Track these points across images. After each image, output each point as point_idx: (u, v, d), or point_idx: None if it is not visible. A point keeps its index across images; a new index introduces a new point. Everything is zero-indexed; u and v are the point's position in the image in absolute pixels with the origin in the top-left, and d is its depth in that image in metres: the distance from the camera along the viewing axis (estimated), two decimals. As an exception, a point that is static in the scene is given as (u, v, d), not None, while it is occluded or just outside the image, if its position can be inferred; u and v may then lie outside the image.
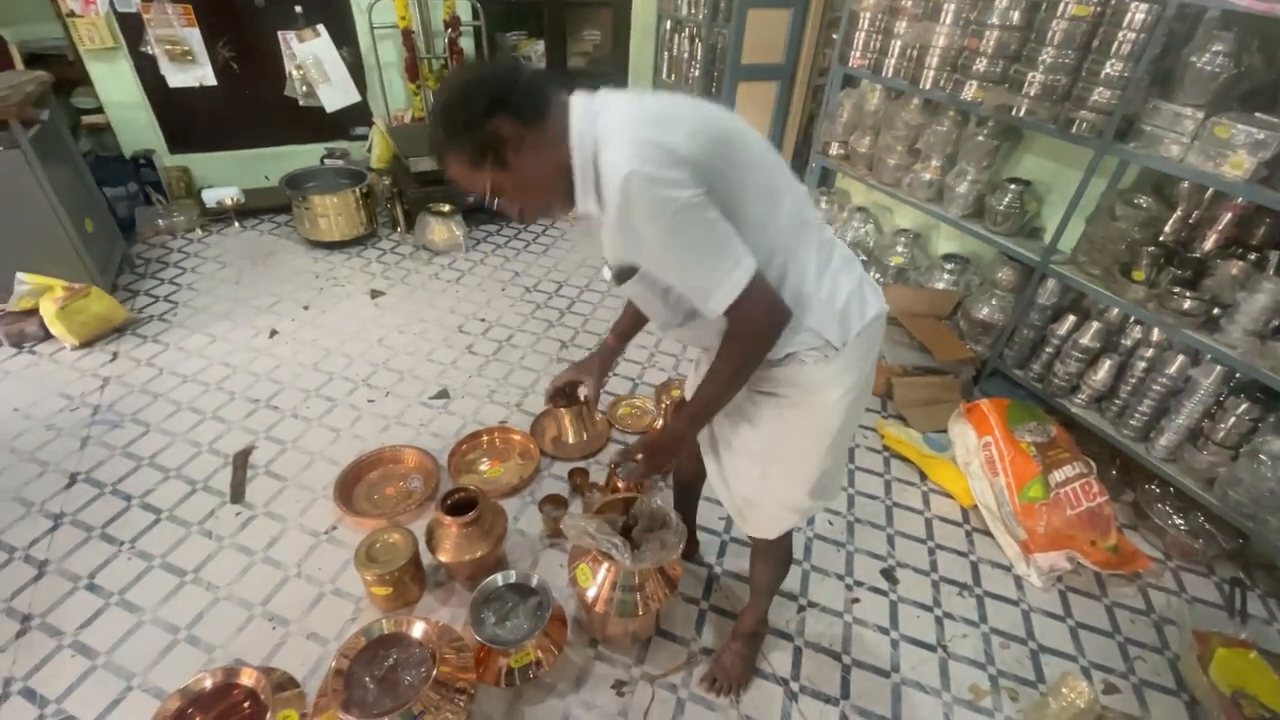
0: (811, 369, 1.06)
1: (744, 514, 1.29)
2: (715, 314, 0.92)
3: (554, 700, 1.48)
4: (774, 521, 1.28)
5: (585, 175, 0.90)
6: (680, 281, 0.94)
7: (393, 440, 2.11)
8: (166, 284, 2.84)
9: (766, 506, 1.25)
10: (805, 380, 1.07)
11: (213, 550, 1.75)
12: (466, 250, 3.21)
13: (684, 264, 0.90)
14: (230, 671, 1.25)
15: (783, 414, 1.12)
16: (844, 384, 1.08)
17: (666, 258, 0.91)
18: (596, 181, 0.89)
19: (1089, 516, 1.90)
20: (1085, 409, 2.21)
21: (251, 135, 3.49)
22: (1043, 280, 2.25)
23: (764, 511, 1.26)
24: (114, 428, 2.11)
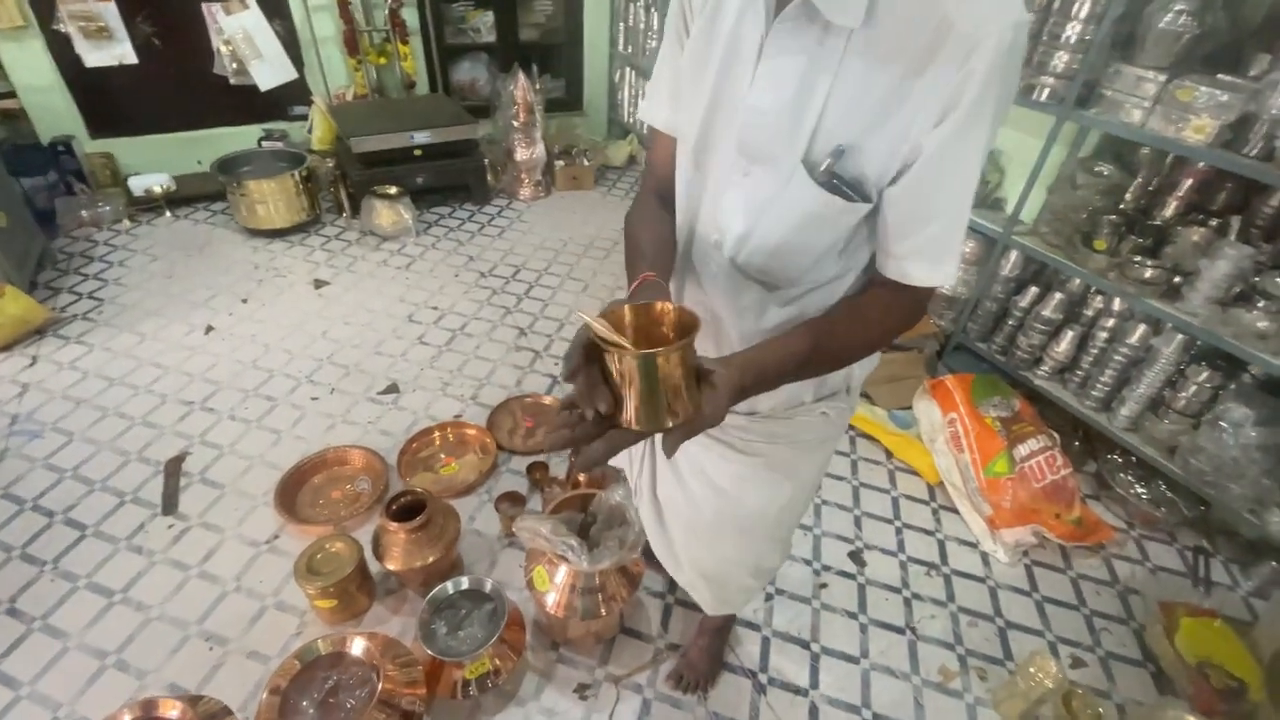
0: (825, 425, 0.90)
1: (703, 592, 1.18)
2: (936, 281, 0.69)
3: (514, 708, 1.41)
4: (742, 593, 1.17)
5: None
6: (953, 221, 0.67)
7: (339, 440, 2.00)
8: (91, 280, 2.65)
9: (735, 578, 1.11)
10: (810, 436, 0.92)
11: (143, 567, 1.63)
12: (416, 235, 3.07)
13: (966, 191, 0.65)
14: (149, 705, 1.15)
15: (773, 479, 0.95)
16: (842, 430, 0.96)
17: (965, 170, 0.64)
18: None
19: (1053, 489, 1.89)
20: (1048, 381, 2.20)
21: (180, 117, 3.26)
22: (1005, 252, 2.22)
23: (730, 585, 1.13)
24: (34, 438, 1.95)
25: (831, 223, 0.70)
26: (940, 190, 0.65)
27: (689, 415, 0.57)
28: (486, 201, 3.43)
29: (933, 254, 0.68)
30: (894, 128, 0.63)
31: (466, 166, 3.26)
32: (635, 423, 0.56)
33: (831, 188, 0.66)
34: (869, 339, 0.75)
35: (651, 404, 0.55)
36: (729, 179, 0.74)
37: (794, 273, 0.76)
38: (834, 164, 0.65)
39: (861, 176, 0.66)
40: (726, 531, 1.02)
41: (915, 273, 0.69)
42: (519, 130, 3.31)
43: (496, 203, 3.47)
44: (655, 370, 0.54)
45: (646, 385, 0.55)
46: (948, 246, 0.68)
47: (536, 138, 3.37)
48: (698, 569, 1.13)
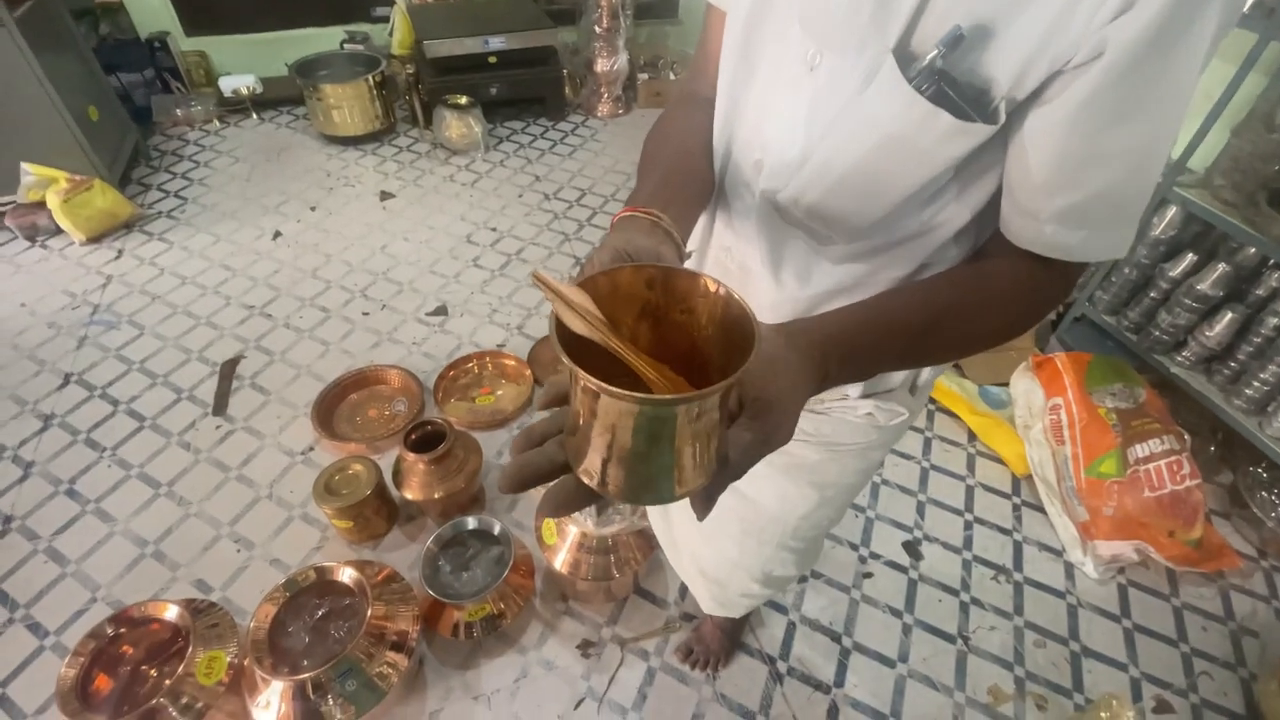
0: (871, 429, 0.70)
1: (700, 589, 1.02)
2: (1100, 255, 0.47)
3: (513, 655, 1.37)
4: (745, 598, 0.98)
5: None
6: (1138, 167, 0.44)
7: (383, 358, 1.98)
8: (179, 178, 2.74)
9: (736, 582, 0.95)
10: (850, 440, 0.71)
11: (189, 464, 1.69)
12: (486, 150, 2.94)
13: (1169, 123, 0.42)
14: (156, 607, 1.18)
15: (795, 483, 0.76)
16: (894, 442, 0.75)
17: (1172, 87, 0.41)
18: None
19: (1171, 502, 1.57)
20: (1189, 370, 1.81)
21: (269, 16, 3.23)
22: (1161, 206, 1.80)
23: (731, 588, 0.96)
24: (110, 328, 2.06)
25: (928, 150, 0.46)
26: (1130, 114, 0.41)
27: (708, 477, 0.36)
28: (561, 117, 3.23)
29: (1098, 216, 0.45)
30: (1048, 5, 0.39)
31: (543, 77, 3.06)
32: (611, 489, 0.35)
33: (938, 95, 0.43)
34: (1004, 322, 0.52)
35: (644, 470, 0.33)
36: (787, 73, 0.52)
37: (857, 221, 0.53)
38: (944, 57, 0.42)
39: (987, 81, 0.43)
40: (733, 530, 0.85)
41: (1066, 240, 0.46)
42: (601, 38, 3.04)
43: (572, 119, 3.26)
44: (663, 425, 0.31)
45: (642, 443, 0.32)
46: (1125, 207, 0.45)
47: (619, 47, 3.09)
48: (696, 564, 0.98)
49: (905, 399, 0.68)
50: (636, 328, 0.37)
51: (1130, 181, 0.44)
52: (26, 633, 1.38)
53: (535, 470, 0.38)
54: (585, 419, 0.33)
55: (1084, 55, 0.40)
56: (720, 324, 0.36)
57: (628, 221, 0.47)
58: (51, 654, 1.35)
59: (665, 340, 0.37)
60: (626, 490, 0.34)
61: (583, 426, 0.33)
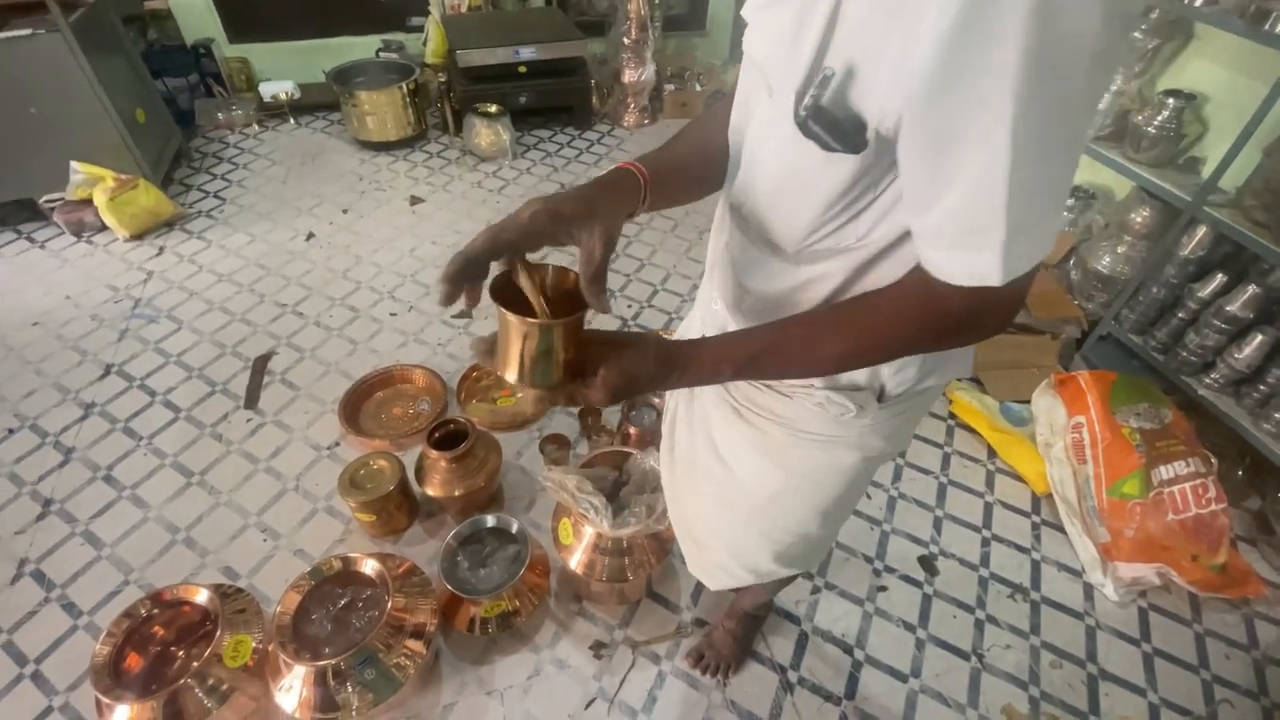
0: (831, 420, 0.72)
1: (685, 544, 1.04)
2: (965, 279, 0.48)
3: (527, 652, 1.39)
4: (719, 570, 0.99)
5: None
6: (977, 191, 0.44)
7: (409, 358, 2.02)
8: (219, 180, 2.83)
9: (713, 550, 0.97)
10: (814, 429, 0.74)
11: (220, 454, 1.75)
12: (513, 157, 3.00)
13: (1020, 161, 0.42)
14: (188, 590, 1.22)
15: (764, 460, 0.79)
16: (868, 449, 0.76)
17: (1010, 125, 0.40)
18: None
19: (1195, 525, 1.55)
20: (1217, 392, 1.79)
21: (309, 25, 3.34)
22: (1191, 226, 1.78)
23: (708, 554, 0.98)
24: (150, 322, 2.14)
25: (812, 176, 0.53)
26: (951, 145, 0.43)
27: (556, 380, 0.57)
28: (588, 126, 3.28)
29: (954, 236, 0.46)
30: (901, 36, 0.42)
31: (571, 87, 3.11)
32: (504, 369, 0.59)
33: (806, 129, 0.49)
34: (861, 347, 0.56)
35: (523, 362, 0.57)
36: (754, 100, 0.60)
37: (790, 234, 0.60)
38: (817, 96, 0.48)
39: (861, 117, 0.47)
40: (710, 494, 0.90)
41: (932, 258, 0.49)
42: (629, 49, 3.09)
43: (599, 128, 3.31)
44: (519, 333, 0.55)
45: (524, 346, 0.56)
46: (979, 227, 0.45)
47: (647, 58, 3.13)
48: (685, 520, 1.01)
49: (859, 397, 0.70)
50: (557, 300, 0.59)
51: (974, 202, 0.44)
52: (61, 612, 1.43)
53: None
54: (501, 334, 0.57)
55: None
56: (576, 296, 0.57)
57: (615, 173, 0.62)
58: (84, 633, 1.40)
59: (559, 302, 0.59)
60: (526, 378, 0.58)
61: (500, 339, 0.58)
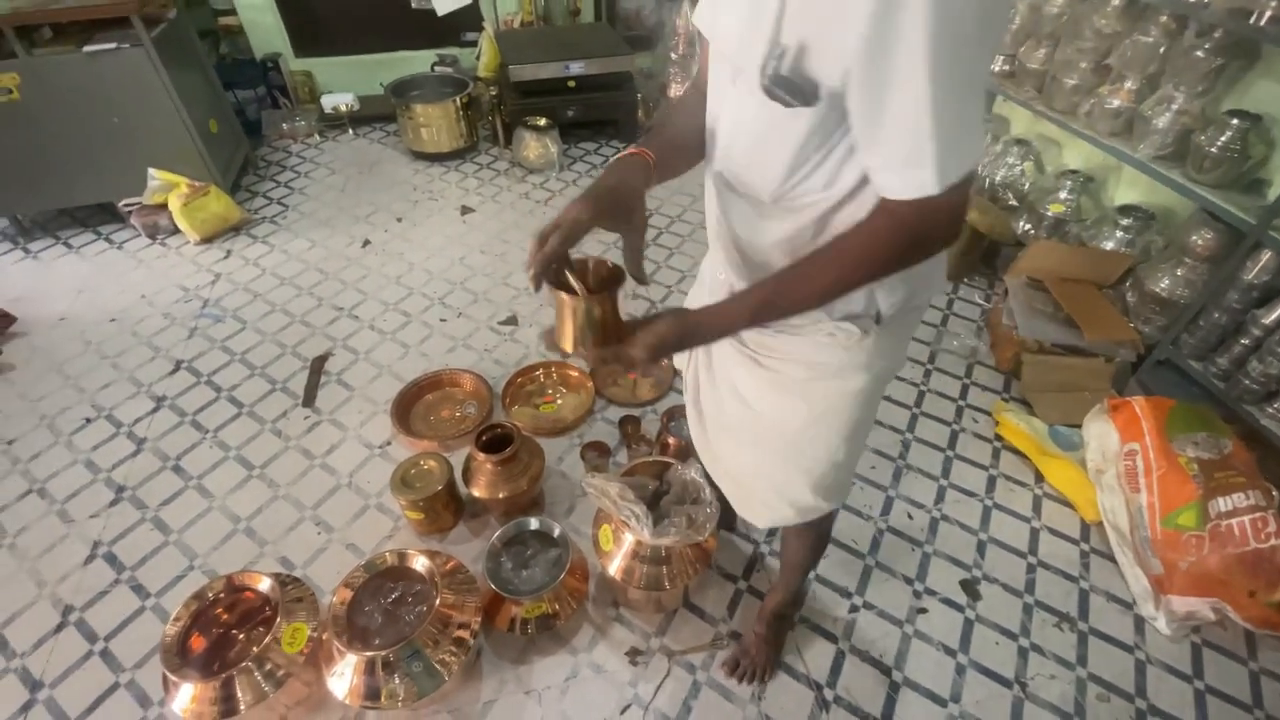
0: (839, 349, 0.84)
1: (731, 490, 1.12)
2: (910, 192, 0.60)
3: (565, 654, 1.42)
4: (765, 508, 1.06)
5: None
6: (909, 123, 0.57)
7: (458, 362, 2.09)
8: (282, 187, 2.97)
9: (758, 490, 1.05)
10: (825, 360, 0.85)
11: (280, 449, 1.84)
12: (560, 169, 3.07)
13: (937, 96, 0.55)
14: (252, 577, 1.29)
15: (787, 397, 0.90)
16: (874, 369, 0.87)
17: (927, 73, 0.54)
18: None
19: (1254, 560, 1.49)
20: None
21: (369, 40, 3.49)
22: (1255, 249, 1.72)
23: (754, 495, 1.06)
24: (217, 321, 2.26)
25: (782, 132, 0.67)
26: (887, 86, 0.57)
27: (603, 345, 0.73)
28: (633, 139, 3.34)
29: (899, 159, 0.60)
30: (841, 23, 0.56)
31: (618, 101, 3.17)
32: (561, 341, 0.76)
33: (769, 92, 0.63)
34: (846, 273, 0.69)
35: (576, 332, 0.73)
36: (719, 87, 0.76)
37: (771, 186, 0.73)
38: (775, 65, 0.62)
39: (815, 79, 0.61)
40: (746, 439, 1.01)
41: (888, 183, 0.63)
42: (676, 64, 3.14)
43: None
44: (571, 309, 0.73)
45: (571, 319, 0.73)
46: (916, 150, 0.58)
47: (693, 73, 3.17)
48: (724, 467, 1.09)
49: (864, 324, 0.83)
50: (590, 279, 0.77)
51: (910, 130, 0.58)
52: (130, 593, 1.52)
53: None
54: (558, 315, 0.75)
55: None
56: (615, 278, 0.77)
57: (627, 159, 0.76)
58: (151, 614, 1.49)
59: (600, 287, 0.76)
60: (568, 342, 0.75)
61: (557, 320, 0.75)
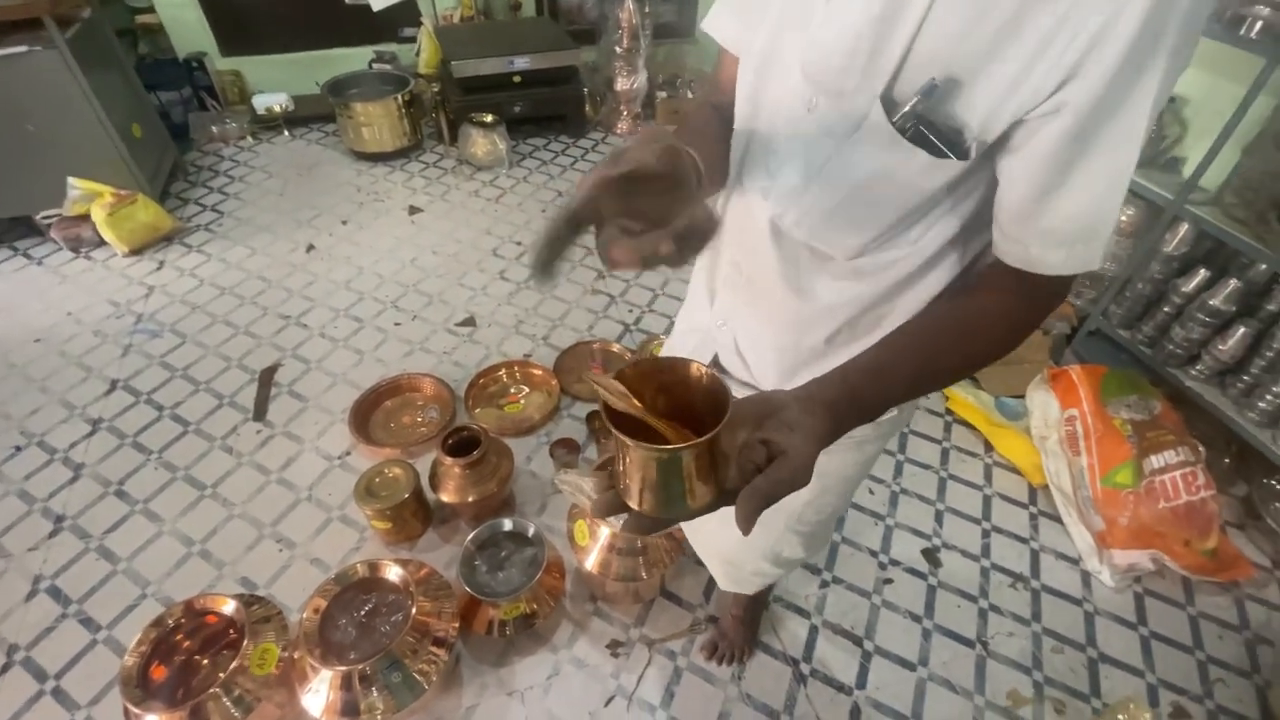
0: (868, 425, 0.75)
1: (716, 568, 1.10)
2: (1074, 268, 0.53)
3: (545, 653, 1.42)
4: (757, 576, 1.05)
5: None
6: (1102, 189, 0.50)
7: (415, 367, 2.05)
8: (215, 193, 2.84)
9: (749, 562, 1.02)
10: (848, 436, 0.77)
11: (232, 466, 1.76)
12: (509, 166, 3.03)
13: (1127, 157, 0.49)
14: (214, 600, 1.24)
15: None
16: (885, 435, 0.82)
17: (1127, 128, 0.47)
18: None
19: (1187, 512, 1.61)
20: (1203, 383, 1.85)
21: (301, 37, 3.35)
22: (1173, 224, 1.85)
23: (745, 568, 1.04)
24: (154, 337, 2.14)
25: (909, 183, 0.55)
26: (1089, 155, 0.48)
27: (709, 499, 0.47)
28: (583, 134, 3.32)
29: (1072, 235, 0.52)
30: (1013, 62, 0.47)
31: (565, 95, 3.15)
32: (644, 507, 0.48)
33: (916, 136, 0.51)
34: (988, 348, 0.58)
35: (664, 494, 0.47)
36: (790, 114, 0.60)
37: (853, 242, 0.62)
38: (923, 104, 0.50)
39: (960, 125, 0.51)
40: None
41: (1048, 258, 0.53)
42: (621, 57, 3.13)
43: (593, 136, 3.35)
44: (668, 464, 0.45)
45: (658, 476, 0.46)
46: (1095, 227, 0.51)
47: (639, 66, 3.18)
48: (714, 546, 1.06)
49: None
50: (655, 398, 0.50)
51: (1097, 207, 0.51)
52: (80, 627, 1.44)
53: (614, 502, 0.50)
54: (627, 464, 0.47)
55: (1042, 111, 0.48)
56: (706, 395, 0.49)
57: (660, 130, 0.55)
58: (104, 647, 1.41)
59: (674, 404, 0.50)
60: (654, 508, 0.48)
61: (626, 468, 0.48)
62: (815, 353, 0.70)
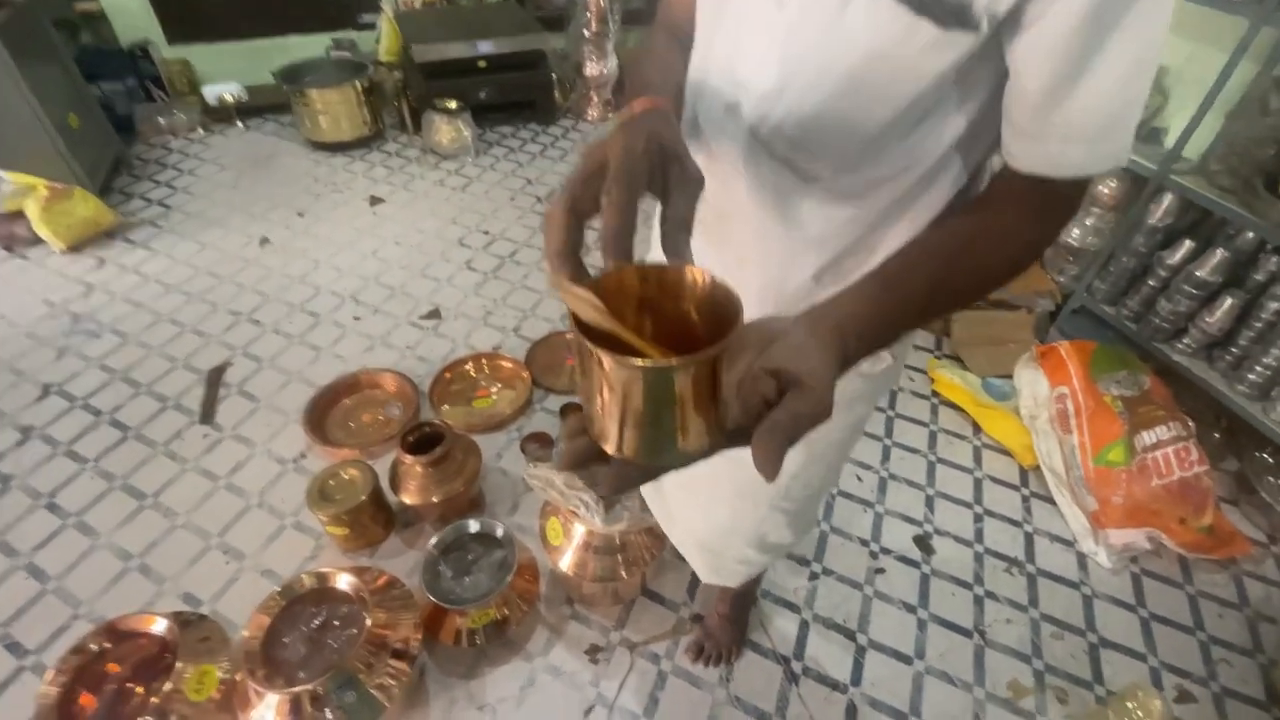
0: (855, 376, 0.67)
1: (696, 558, 1.00)
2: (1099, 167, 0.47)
3: (519, 662, 1.32)
4: (741, 565, 0.95)
5: None
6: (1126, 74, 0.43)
7: (377, 362, 1.93)
8: (163, 187, 2.68)
9: (732, 549, 0.92)
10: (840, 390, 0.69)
11: (175, 473, 1.63)
12: (476, 155, 2.91)
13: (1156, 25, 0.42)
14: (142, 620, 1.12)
15: None
16: (881, 391, 0.75)
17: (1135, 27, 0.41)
18: None
19: (1181, 489, 1.56)
20: (1191, 357, 1.81)
21: (253, 23, 3.19)
22: (1158, 194, 1.80)
23: (726, 555, 0.94)
24: (93, 338, 1.99)
25: (909, 66, 0.47)
26: (1111, 31, 0.41)
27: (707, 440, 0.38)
28: (552, 121, 3.22)
29: (1094, 128, 0.45)
30: None
31: (532, 81, 3.04)
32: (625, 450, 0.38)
33: (920, 5, 0.43)
34: (1001, 267, 0.50)
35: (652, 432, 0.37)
36: (755, 14, 0.52)
37: (842, 151, 0.53)
38: None
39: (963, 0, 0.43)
40: (725, 493, 0.82)
41: (1070, 155, 0.46)
42: (590, 42, 3.04)
43: (563, 123, 3.25)
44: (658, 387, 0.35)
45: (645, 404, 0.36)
46: (1121, 116, 0.45)
47: (609, 51, 3.08)
48: (692, 534, 0.96)
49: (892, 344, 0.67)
50: (640, 321, 0.40)
51: (1121, 94, 0.44)
52: (4, 653, 1.31)
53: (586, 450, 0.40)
54: (600, 391, 0.36)
55: None
56: (709, 309, 0.39)
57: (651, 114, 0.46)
58: (32, 674, 1.28)
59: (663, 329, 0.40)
60: (639, 451, 0.38)
61: (599, 398, 0.37)
62: (802, 292, 0.62)
